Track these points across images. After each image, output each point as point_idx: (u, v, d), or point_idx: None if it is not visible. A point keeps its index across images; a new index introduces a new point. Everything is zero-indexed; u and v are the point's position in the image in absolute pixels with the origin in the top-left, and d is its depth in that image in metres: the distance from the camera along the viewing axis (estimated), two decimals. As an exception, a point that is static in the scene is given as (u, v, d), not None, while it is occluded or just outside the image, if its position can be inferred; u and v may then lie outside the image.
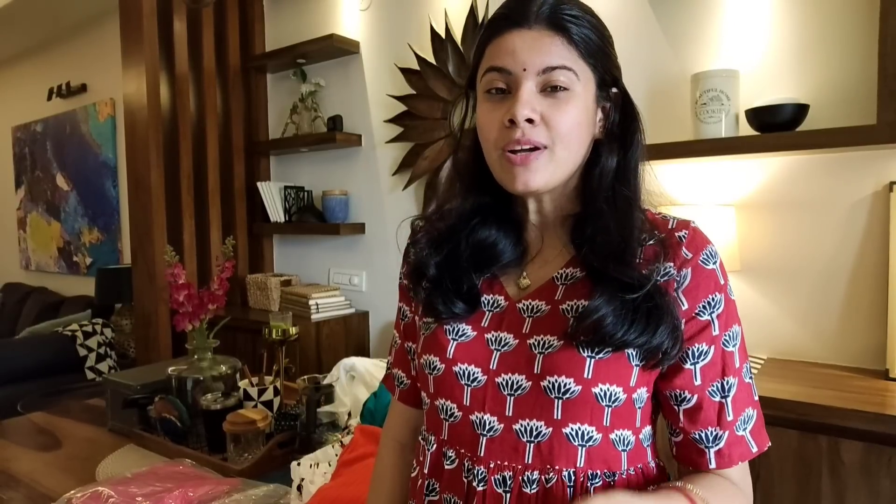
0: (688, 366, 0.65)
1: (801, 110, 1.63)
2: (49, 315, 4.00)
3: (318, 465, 1.20)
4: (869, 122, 1.54)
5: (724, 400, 0.65)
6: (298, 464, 1.20)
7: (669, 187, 1.95)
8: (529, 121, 0.65)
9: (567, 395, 0.63)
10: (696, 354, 0.65)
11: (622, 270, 0.64)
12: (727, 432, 0.65)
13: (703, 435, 0.66)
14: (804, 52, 1.71)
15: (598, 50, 0.67)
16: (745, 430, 0.66)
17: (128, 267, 3.14)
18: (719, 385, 0.65)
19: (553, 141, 0.65)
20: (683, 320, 0.65)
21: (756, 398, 0.68)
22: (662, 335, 0.62)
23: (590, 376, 0.63)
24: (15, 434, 1.60)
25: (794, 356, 1.77)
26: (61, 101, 4.39)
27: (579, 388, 0.63)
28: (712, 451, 0.65)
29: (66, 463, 1.41)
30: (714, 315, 0.65)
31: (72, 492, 1.15)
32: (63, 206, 4.51)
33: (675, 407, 0.67)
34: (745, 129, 1.73)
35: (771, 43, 1.76)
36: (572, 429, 0.64)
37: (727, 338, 0.66)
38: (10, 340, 3.72)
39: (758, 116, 1.66)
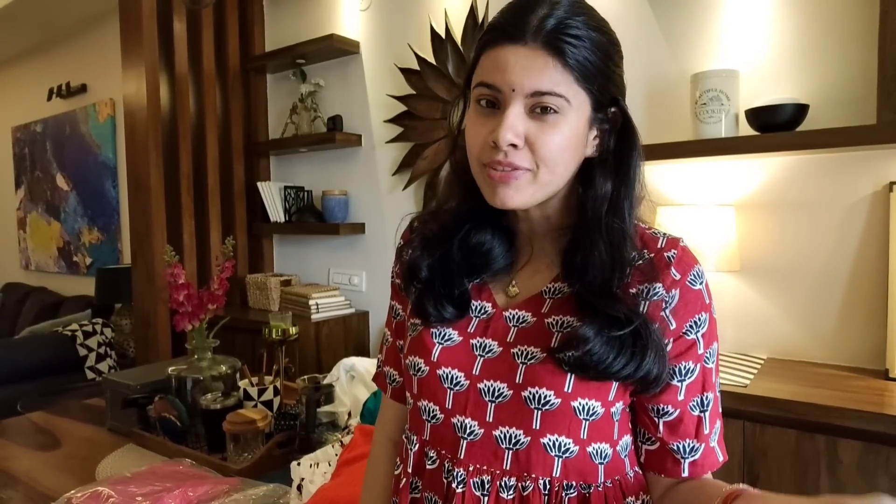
0: (675, 382, 0.66)
1: (801, 110, 1.63)
2: (49, 315, 4.00)
3: (317, 464, 1.20)
4: (869, 122, 1.55)
5: (702, 414, 0.67)
6: (298, 464, 1.20)
7: (669, 187, 1.95)
8: (513, 145, 0.63)
9: (546, 407, 0.64)
10: (683, 372, 0.66)
11: (611, 306, 0.64)
12: (703, 445, 0.67)
13: (681, 446, 0.67)
14: (804, 52, 1.71)
15: (597, 72, 0.63)
16: (714, 441, 0.68)
17: (128, 267, 3.14)
18: (699, 400, 0.67)
19: (537, 165, 0.64)
20: (671, 339, 0.65)
21: (720, 409, 0.70)
22: (647, 366, 0.63)
23: (570, 390, 0.64)
24: (14, 434, 1.60)
25: (793, 356, 1.77)
26: (61, 101, 4.39)
27: (559, 400, 0.63)
28: (687, 461, 0.67)
29: (65, 462, 1.41)
30: (699, 334, 0.67)
31: (71, 491, 1.16)
32: (63, 206, 4.51)
33: (655, 419, 0.68)
34: (745, 129, 1.73)
35: (771, 43, 1.76)
36: (550, 439, 0.64)
37: (708, 355, 0.68)
38: (10, 340, 3.72)
39: (758, 116, 1.66)
